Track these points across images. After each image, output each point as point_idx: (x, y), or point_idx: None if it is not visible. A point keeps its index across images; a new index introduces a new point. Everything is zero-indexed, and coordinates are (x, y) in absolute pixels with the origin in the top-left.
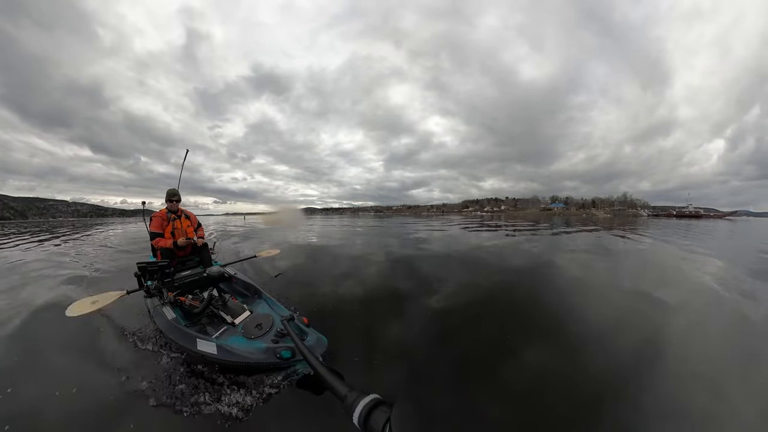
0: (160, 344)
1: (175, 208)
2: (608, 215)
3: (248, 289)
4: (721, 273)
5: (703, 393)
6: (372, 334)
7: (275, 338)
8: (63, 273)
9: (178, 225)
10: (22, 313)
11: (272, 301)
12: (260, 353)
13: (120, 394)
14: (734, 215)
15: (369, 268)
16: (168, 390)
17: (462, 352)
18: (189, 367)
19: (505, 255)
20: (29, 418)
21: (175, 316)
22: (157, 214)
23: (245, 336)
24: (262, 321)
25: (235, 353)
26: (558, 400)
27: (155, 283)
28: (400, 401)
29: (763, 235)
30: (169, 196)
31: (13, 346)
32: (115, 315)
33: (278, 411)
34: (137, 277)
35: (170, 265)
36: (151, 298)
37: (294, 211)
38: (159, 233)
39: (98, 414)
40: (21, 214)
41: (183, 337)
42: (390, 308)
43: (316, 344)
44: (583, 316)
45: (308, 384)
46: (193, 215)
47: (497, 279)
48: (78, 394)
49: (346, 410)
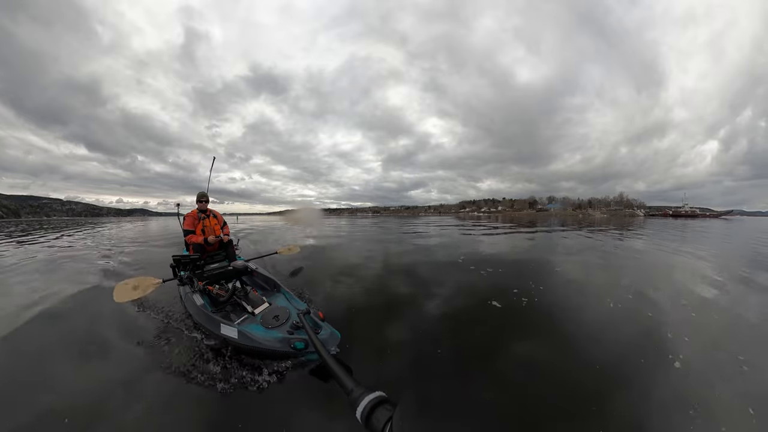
0: (188, 326)
1: (205, 208)
2: (604, 215)
3: (268, 283)
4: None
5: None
6: (384, 332)
7: (290, 329)
8: (99, 263)
9: (207, 223)
10: (82, 295)
11: (290, 295)
12: (276, 342)
13: (152, 361)
14: (729, 215)
15: (384, 269)
16: (191, 362)
17: (468, 353)
18: (212, 348)
19: (505, 255)
20: (96, 366)
21: (203, 302)
22: (190, 213)
23: (263, 325)
24: (279, 313)
25: (253, 339)
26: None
27: (187, 274)
28: (405, 402)
29: (761, 233)
30: (199, 198)
31: (77, 322)
32: (154, 298)
33: (286, 395)
34: (172, 267)
35: (200, 259)
36: (184, 286)
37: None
38: (191, 230)
39: (136, 373)
40: (14, 212)
41: (209, 321)
42: (403, 308)
43: (329, 338)
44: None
45: (318, 375)
46: (219, 215)
47: (500, 279)
48: (121, 357)
49: (351, 404)
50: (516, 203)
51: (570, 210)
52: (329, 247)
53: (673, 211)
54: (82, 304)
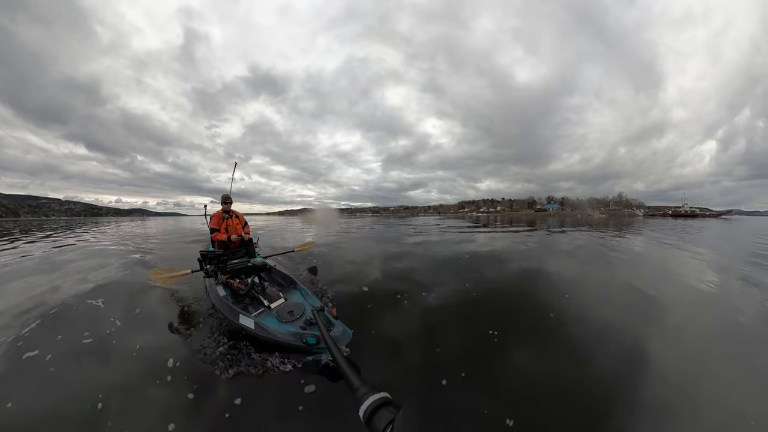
0: (211, 313)
1: (228, 209)
2: (603, 215)
3: (285, 280)
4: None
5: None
6: (395, 334)
7: (304, 325)
8: (135, 256)
9: (230, 223)
10: (122, 279)
11: (306, 292)
12: (289, 335)
13: (177, 340)
14: (728, 214)
15: (399, 268)
16: (211, 345)
17: (474, 360)
18: (230, 335)
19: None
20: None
21: (225, 294)
22: (215, 214)
23: (278, 319)
24: (294, 308)
25: (267, 331)
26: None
27: (212, 267)
28: (409, 406)
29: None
30: (223, 200)
31: (121, 302)
32: (182, 287)
33: (293, 385)
34: (199, 261)
35: (224, 254)
36: (208, 278)
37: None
38: (216, 229)
39: (164, 348)
40: (13, 212)
41: (229, 311)
42: (416, 310)
43: (341, 336)
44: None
45: (327, 370)
46: (241, 215)
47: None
48: (151, 336)
49: (356, 402)
50: (515, 203)
51: (569, 210)
52: (343, 246)
53: (672, 210)
54: (129, 284)
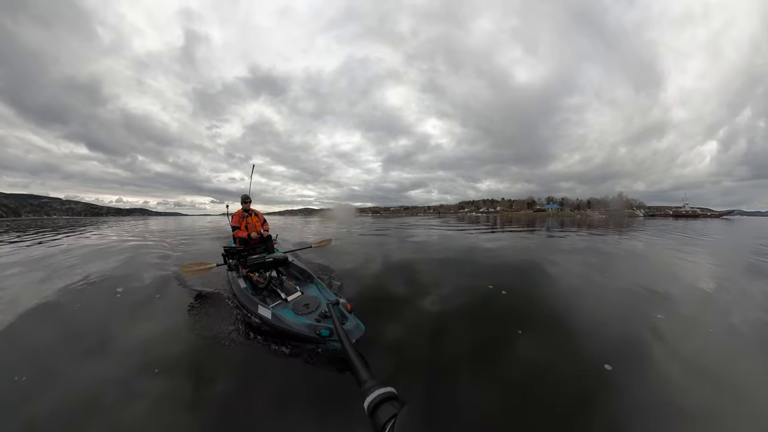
0: (231, 304)
1: (248, 207)
2: (603, 216)
3: (302, 274)
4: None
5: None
6: (407, 330)
7: (318, 318)
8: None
9: (250, 221)
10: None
11: (322, 286)
12: (303, 327)
13: (201, 326)
14: (730, 215)
15: (413, 267)
16: (229, 332)
17: (486, 361)
18: (249, 324)
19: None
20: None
21: (245, 286)
22: (236, 213)
23: (294, 311)
24: (309, 302)
25: (284, 322)
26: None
27: (234, 261)
28: (413, 403)
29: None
30: (243, 200)
31: (156, 288)
32: (208, 278)
33: (304, 375)
34: (223, 256)
35: (245, 250)
36: (231, 271)
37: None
38: (237, 226)
39: (189, 330)
40: (14, 211)
41: (249, 302)
42: (429, 308)
43: (354, 330)
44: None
45: (337, 362)
46: (260, 213)
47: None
48: (180, 319)
49: (361, 395)
50: (515, 204)
51: (568, 210)
52: (359, 243)
53: (673, 211)
54: (159, 274)
